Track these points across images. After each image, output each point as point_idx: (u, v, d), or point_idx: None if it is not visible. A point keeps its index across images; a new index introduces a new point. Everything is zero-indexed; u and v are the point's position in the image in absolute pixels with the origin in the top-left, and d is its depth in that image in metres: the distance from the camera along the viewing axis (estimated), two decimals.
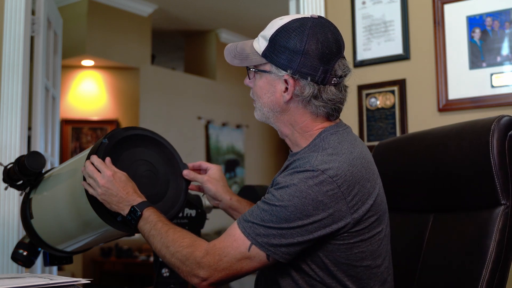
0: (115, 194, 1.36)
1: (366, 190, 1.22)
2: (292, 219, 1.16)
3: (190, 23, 6.77)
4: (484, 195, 1.31)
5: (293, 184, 1.18)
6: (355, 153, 1.24)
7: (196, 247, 1.24)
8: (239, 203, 1.59)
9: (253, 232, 1.19)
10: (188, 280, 1.25)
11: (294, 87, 1.26)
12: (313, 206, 1.16)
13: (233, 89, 7.29)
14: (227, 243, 1.21)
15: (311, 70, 1.24)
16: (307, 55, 1.23)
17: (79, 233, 1.54)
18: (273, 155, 7.95)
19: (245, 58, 1.33)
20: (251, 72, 1.34)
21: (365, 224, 1.22)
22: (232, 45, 1.38)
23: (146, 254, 5.85)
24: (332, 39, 1.26)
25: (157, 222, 1.32)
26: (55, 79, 3.12)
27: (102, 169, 1.37)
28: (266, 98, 1.31)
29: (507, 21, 2.18)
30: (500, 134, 1.30)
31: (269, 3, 5.96)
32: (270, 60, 1.28)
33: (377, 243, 1.26)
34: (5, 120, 2.48)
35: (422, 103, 2.33)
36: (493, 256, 1.25)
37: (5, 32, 2.52)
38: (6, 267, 2.41)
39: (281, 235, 1.17)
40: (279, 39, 1.26)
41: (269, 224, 1.18)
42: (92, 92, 6.15)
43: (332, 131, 1.29)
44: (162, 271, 1.62)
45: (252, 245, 1.19)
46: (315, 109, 1.28)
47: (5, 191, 2.41)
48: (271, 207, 1.19)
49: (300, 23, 1.26)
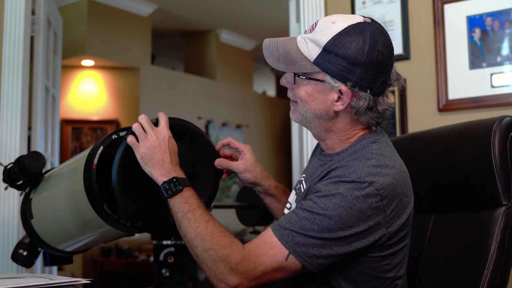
0: (159, 155, 1.28)
1: (403, 204, 1.18)
2: (335, 229, 1.11)
3: (190, 23, 6.77)
4: (485, 196, 1.31)
5: (339, 193, 1.12)
6: (397, 166, 1.20)
7: (233, 250, 1.15)
8: (277, 189, 1.52)
9: (291, 240, 1.13)
10: (213, 282, 1.18)
11: (351, 98, 1.19)
12: (357, 217, 1.12)
13: (233, 89, 7.30)
14: (263, 251, 1.14)
15: (371, 83, 1.18)
16: (368, 67, 1.16)
17: (79, 233, 1.54)
18: (273, 155, 7.95)
19: (292, 63, 1.21)
20: (299, 79, 1.24)
21: (396, 238, 1.19)
22: (270, 43, 1.25)
23: (146, 254, 5.85)
24: (389, 47, 1.20)
25: (197, 207, 1.23)
26: (55, 79, 3.12)
27: (160, 129, 1.31)
28: (314, 105, 1.23)
29: (507, 21, 2.17)
30: (501, 134, 1.30)
31: (269, 3, 5.96)
32: (325, 68, 1.18)
33: (402, 255, 1.24)
34: (5, 120, 2.47)
35: (422, 103, 2.33)
36: (494, 256, 1.25)
37: (5, 32, 2.52)
38: (6, 267, 2.41)
39: (321, 245, 1.12)
40: (336, 48, 1.16)
41: (309, 233, 1.12)
42: (92, 92, 6.15)
43: (373, 139, 1.24)
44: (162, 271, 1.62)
45: (290, 254, 1.13)
46: (367, 120, 1.23)
47: (5, 191, 2.41)
48: (313, 215, 1.13)
49: (358, 30, 1.17)
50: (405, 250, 1.25)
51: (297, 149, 2.64)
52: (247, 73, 7.67)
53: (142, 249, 6.03)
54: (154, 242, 1.55)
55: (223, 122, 7.18)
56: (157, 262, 1.61)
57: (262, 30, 6.88)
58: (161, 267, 1.61)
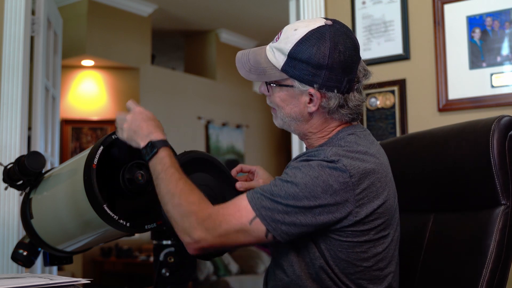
0: (136, 125, 1.33)
1: (375, 189, 1.21)
2: (300, 197, 1.17)
3: (190, 23, 6.77)
4: (484, 195, 1.32)
5: (308, 165, 1.19)
6: (370, 152, 1.25)
7: (201, 207, 1.22)
8: None
9: (259, 203, 1.19)
10: (180, 237, 1.24)
11: (320, 99, 1.25)
12: (323, 188, 1.16)
13: (233, 89, 7.30)
14: (231, 211, 1.20)
15: (337, 83, 1.23)
16: (332, 69, 1.22)
17: (79, 233, 1.54)
18: (273, 155, 7.95)
19: (262, 73, 1.29)
20: (270, 87, 1.31)
21: (371, 225, 1.21)
22: (242, 55, 1.33)
23: (146, 254, 5.85)
24: (351, 46, 1.25)
25: (169, 167, 1.28)
26: (55, 79, 3.12)
27: (132, 107, 1.38)
28: (289, 109, 1.30)
29: (507, 21, 2.18)
30: (500, 134, 1.30)
31: (269, 3, 5.96)
32: (292, 75, 1.25)
33: (382, 247, 1.25)
34: (5, 120, 2.48)
35: (422, 103, 2.33)
36: (493, 256, 1.25)
37: (5, 32, 2.52)
38: (6, 267, 2.41)
39: (285, 212, 1.17)
40: (299, 54, 1.23)
41: (276, 198, 1.18)
42: (92, 92, 6.15)
43: (350, 131, 1.29)
44: (162, 271, 1.62)
45: (256, 218, 1.19)
46: (340, 117, 1.29)
47: (5, 191, 2.41)
48: (282, 183, 1.19)
49: (319, 34, 1.23)
50: (387, 242, 1.26)
51: (297, 149, 2.65)
52: None
53: (142, 249, 6.03)
54: (154, 242, 1.55)
55: (223, 122, 7.18)
56: (157, 262, 1.61)
57: (262, 30, 6.88)
58: (161, 267, 1.61)
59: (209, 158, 1.49)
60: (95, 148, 1.42)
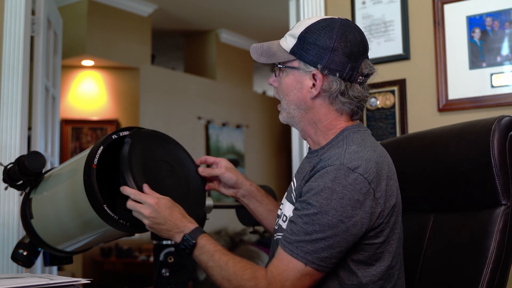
0: (163, 222, 1.33)
1: (390, 187, 1.24)
2: (335, 223, 1.17)
3: (190, 23, 6.77)
4: (484, 196, 1.31)
5: (326, 187, 1.18)
6: (378, 151, 1.26)
7: (258, 279, 1.22)
8: (258, 190, 1.60)
9: (301, 251, 1.19)
10: None
11: (322, 82, 1.28)
12: (351, 206, 1.17)
13: (233, 89, 7.29)
14: (284, 267, 1.20)
15: (340, 67, 1.27)
16: (336, 52, 1.26)
17: (79, 233, 1.54)
18: (273, 155, 7.95)
19: (272, 55, 1.35)
20: (277, 70, 1.36)
21: (388, 224, 1.24)
22: (257, 44, 1.40)
23: (146, 254, 5.85)
24: (359, 39, 1.30)
25: (214, 253, 1.29)
26: (55, 79, 3.12)
27: (143, 200, 1.33)
28: (293, 95, 1.33)
29: (507, 21, 2.17)
30: (500, 134, 1.30)
31: (269, 3, 5.96)
32: (299, 56, 1.30)
33: (395, 244, 1.27)
34: (5, 120, 2.47)
35: (422, 103, 2.33)
36: (493, 256, 1.25)
37: (5, 32, 2.52)
38: (6, 267, 2.41)
39: (329, 246, 1.17)
40: (308, 36, 1.29)
41: (314, 236, 1.18)
42: (92, 92, 6.15)
43: (355, 130, 1.31)
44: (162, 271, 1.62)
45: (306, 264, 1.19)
46: (340, 106, 1.31)
47: (5, 191, 2.41)
48: (311, 218, 1.18)
49: (329, 22, 1.29)
50: (396, 239, 1.28)
51: (297, 149, 2.64)
52: (247, 73, 7.67)
53: (142, 249, 6.03)
54: (154, 242, 1.55)
55: (223, 122, 7.18)
56: (157, 262, 1.61)
57: (262, 30, 6.88)
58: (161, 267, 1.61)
59: (174, 142, 1.52)
60: (95, 148, 1.42)
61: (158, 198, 1.34)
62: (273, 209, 1.59)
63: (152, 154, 1.45)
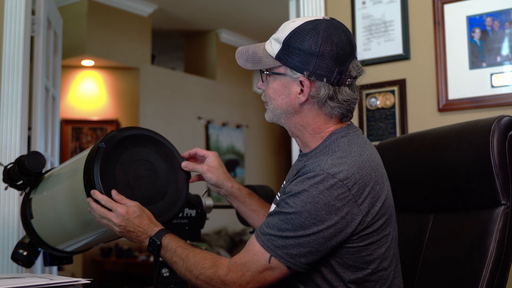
0: (133, 230, 1.37)
1: (376, 192, 1.22)
2: (307, 225, 1.18)
3: (190, 23, 6.77)
4: (484, 195, 1.32)
5: (304, 190, 1.19)
6: (365, 155, 1.25)
7: (218, 266, 1.25)
8: (240, 191, 1.60)
9: (271, 244, 1.20)
10: None
11: (310, 88, 1.26)
12: (326, 210, 1.17)
13: (233, 89, 7.29)
14: (248, 258, 1.23)
15: (327, 72, 1.24)
16: (323, 57, 1.24)
17: (79, 233, 1.54)
18: (273, 155, 7.95)
19: (258, 61, 1.32)
20: (264, 75, 1.34)
21: (374, 227, 1.23)
22: (243, 48, 1.37)
23: (146, 254, 5.85)
24: (346, 41, 1.27)
25: (176, 248, 1.33)
26: (55, 79, 3.12)
27: (114, 208, 1.36)
28: (280, 100, 1.31)
29: (507, 21, 2.18)
30: (500, 134, 1.30)
31: (269, 3, 5.96)
32: (285, 62, 1.27)
33: (385, 246, 1.26)
34: (5, 120, 2.48)
35: (422, 103, 2.33)
36: (493, 256, 1.25)
37: (5, 32, 2.52)
38: (6, 267, 2.41)
39: (299, 244, 1.19)
40: (293, 42, 1.26)
41: (286, 233, 1.19)
42: (92, 92, 6.15)
43: (343, 133, 1.29)
44: (162, 271, 1.62)
45: (272, 257, 1.20)
46: (330, 110, 1.29)
47: (5, 191, 2.41)
48: (286, 216, 1.20)
49: (314, 25, 1.26)
50: (388, 241, 1.27)
51: (297, 150, 2.64)
52: (247, 73, 7.67)
53: (142, 249, 6.03)
54: None
55: (223, 122, 7.18)
56: (157, 262, 1.61)
57: (262, 30, 6.88)
58: (161, 267, 1.61)
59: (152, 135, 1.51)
60: (95, 148, 1.42)
61: (128, 207, 1.37)
62: (257, 209, 1.60)
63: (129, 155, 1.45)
